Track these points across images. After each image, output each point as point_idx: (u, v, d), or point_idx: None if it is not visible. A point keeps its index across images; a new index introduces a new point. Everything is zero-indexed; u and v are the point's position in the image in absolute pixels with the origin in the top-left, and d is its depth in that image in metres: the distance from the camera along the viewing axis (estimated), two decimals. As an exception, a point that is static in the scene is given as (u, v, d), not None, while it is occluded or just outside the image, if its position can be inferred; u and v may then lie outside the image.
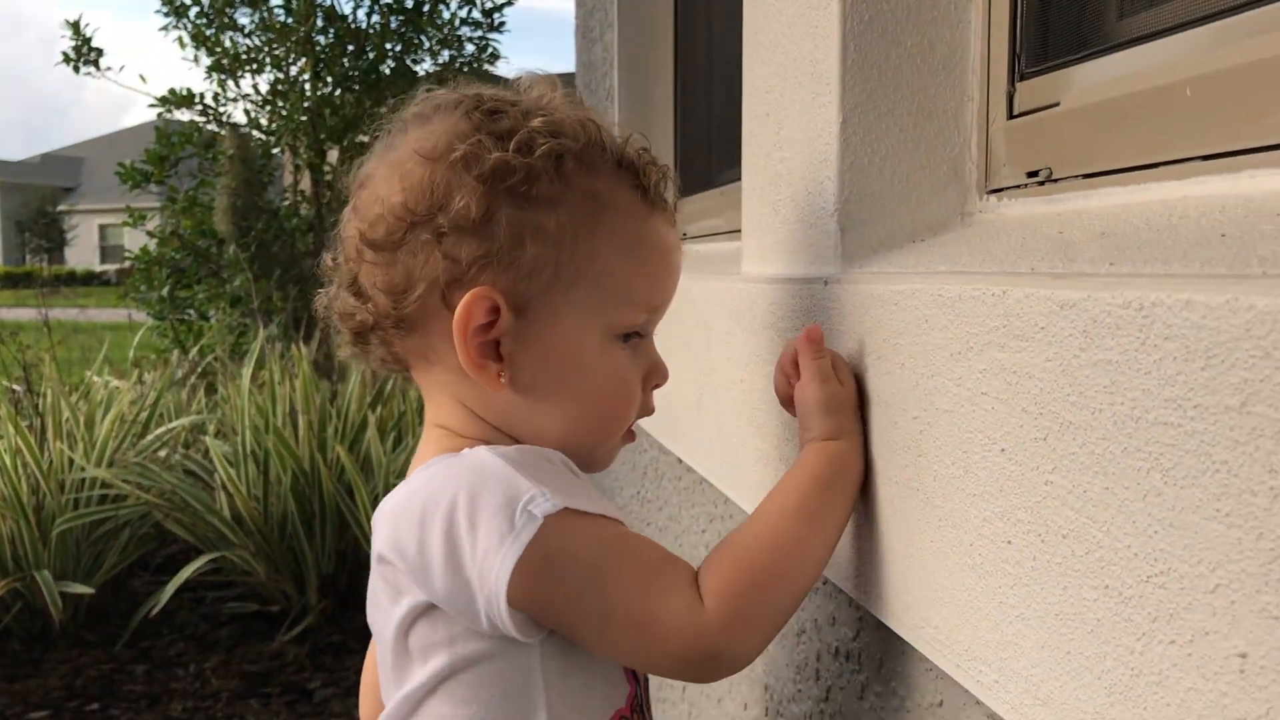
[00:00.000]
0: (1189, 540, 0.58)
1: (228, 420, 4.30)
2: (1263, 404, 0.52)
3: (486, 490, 0.88)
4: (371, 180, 1.01)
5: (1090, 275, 0.70)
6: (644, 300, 1.01)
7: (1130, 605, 0.63)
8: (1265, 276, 0.56)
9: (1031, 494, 0.73)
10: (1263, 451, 0.52)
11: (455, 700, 0.93)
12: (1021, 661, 0.75)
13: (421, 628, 0.94)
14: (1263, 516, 0.52)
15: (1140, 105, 0.84)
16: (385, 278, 0.97)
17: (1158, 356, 0.59)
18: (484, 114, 0.97)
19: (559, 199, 0.95)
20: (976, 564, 0.81)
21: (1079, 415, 0.67)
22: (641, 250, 1.01)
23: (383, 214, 0.96)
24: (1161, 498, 0.60)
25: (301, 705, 3.43)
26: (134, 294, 6.45)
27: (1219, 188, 0.75)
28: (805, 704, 1.27)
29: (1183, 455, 0.58)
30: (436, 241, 0.94)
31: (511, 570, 0.85)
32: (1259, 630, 0.53)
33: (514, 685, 0.93)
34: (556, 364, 0.98)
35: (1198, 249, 0.65)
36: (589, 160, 0.98)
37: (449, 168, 0.94)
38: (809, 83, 1.16)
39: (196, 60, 6.33)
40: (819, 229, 1.14)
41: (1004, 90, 1.04)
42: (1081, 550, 0.68)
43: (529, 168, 0.94)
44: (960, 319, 0.81)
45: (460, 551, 0.88)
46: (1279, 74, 0.70)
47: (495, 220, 0.93)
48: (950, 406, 0.83)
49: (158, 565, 4.36)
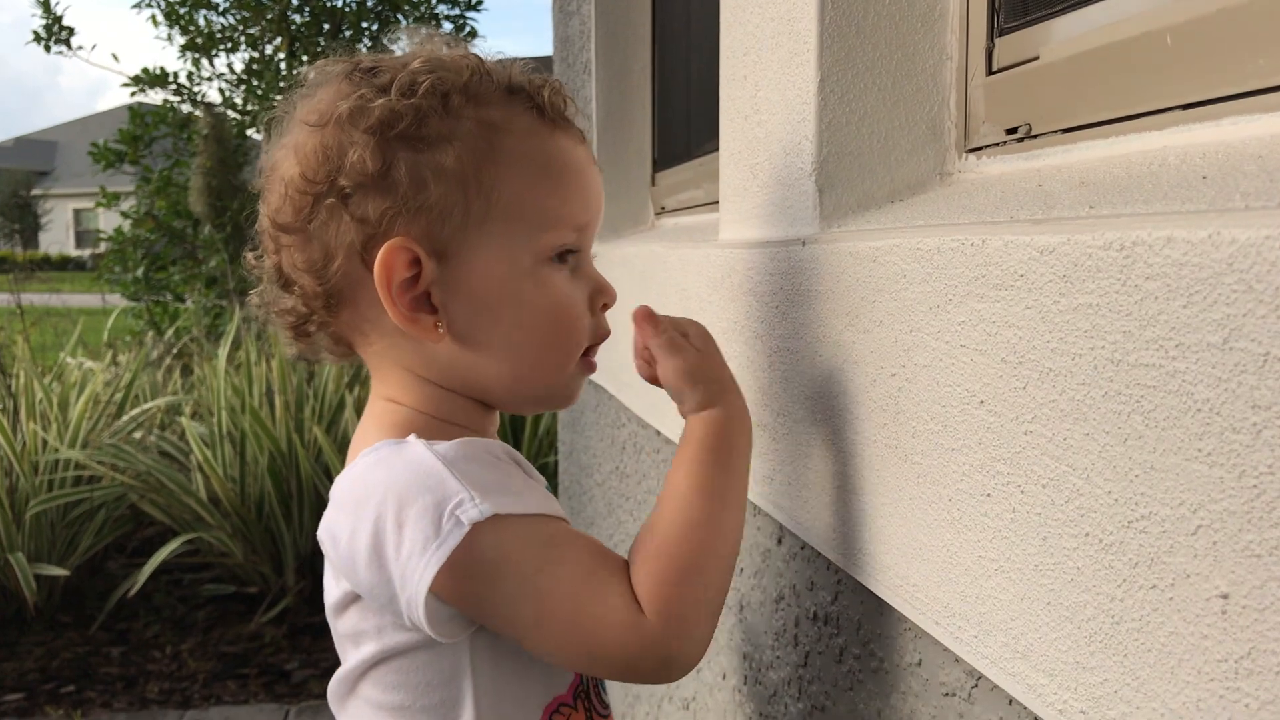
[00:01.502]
0: (1170, 483, 0.57)
1: (203, 401, 4.27)
2: (1245, 339, 0.51)
3: (415, 490, 0.86)
4: (273, 167, 0.99)
5: (1070, 219, 0.69)
6: (564, 218, 0.97)
7: (1111, 552, 0.62)
8: (1248, 209, 0.55)
9: (1011, 445, 0.72)
10: (1245, 387, 0.51)
11: (384, 685, 0.94)
12: (1001, 615, 0.74)
13: (352, 614, 0.94)
14: (1245, 454, 0.51)
15: (1120, 56, 0.83)
16: (304, 257, 0.96)
17: (1139, 297, 0.58)
18: (363, 72, 0.96)
19: (452, 134, 0.93)
20: (955, 519, 0.80)
21: (1059, 362, 0.66)
22: (550, 169, 0.97)
23: (285, 193, 0.95)
24: (1143, 441, 0.59)
25: (279, 686, 3.41)
26: (108, 275, 6.38)
27: (1200, 136, 0.74)
28: (784, 670, 1.26)
29: (1164, 396, 0.57)
30: (343, 205, 0.92)
31: (433, 576, 0.84)
32: (1241, 569, 0.52)
33: (440, 675, 0.93)
34: (491, 302, 0.95)
35: (1179, 190, 0.64)
36: (476, 91, 0.96)
37: (337, 128, 0.93)
38: (786, 42, 1.14)
39: (170, 39, 6.26)
40: (797, 190, 1.13)
41: (983, 46, 1.02)
42: (1061, 499, 0.67)
43: (415, 109, 0.92)
44: (938, 272, 0.80)
45: (385, 550, 0.86)
46: (1259, 18, 0.69)
47: (394, 169, 0.91)
48: (928, 361, 0.82)
49: (134, 547, 4.33)
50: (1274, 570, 0.50)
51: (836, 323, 1.00)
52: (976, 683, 0.82)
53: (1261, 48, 0.69)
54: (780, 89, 1.17)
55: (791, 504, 1.14)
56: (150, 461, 3.83)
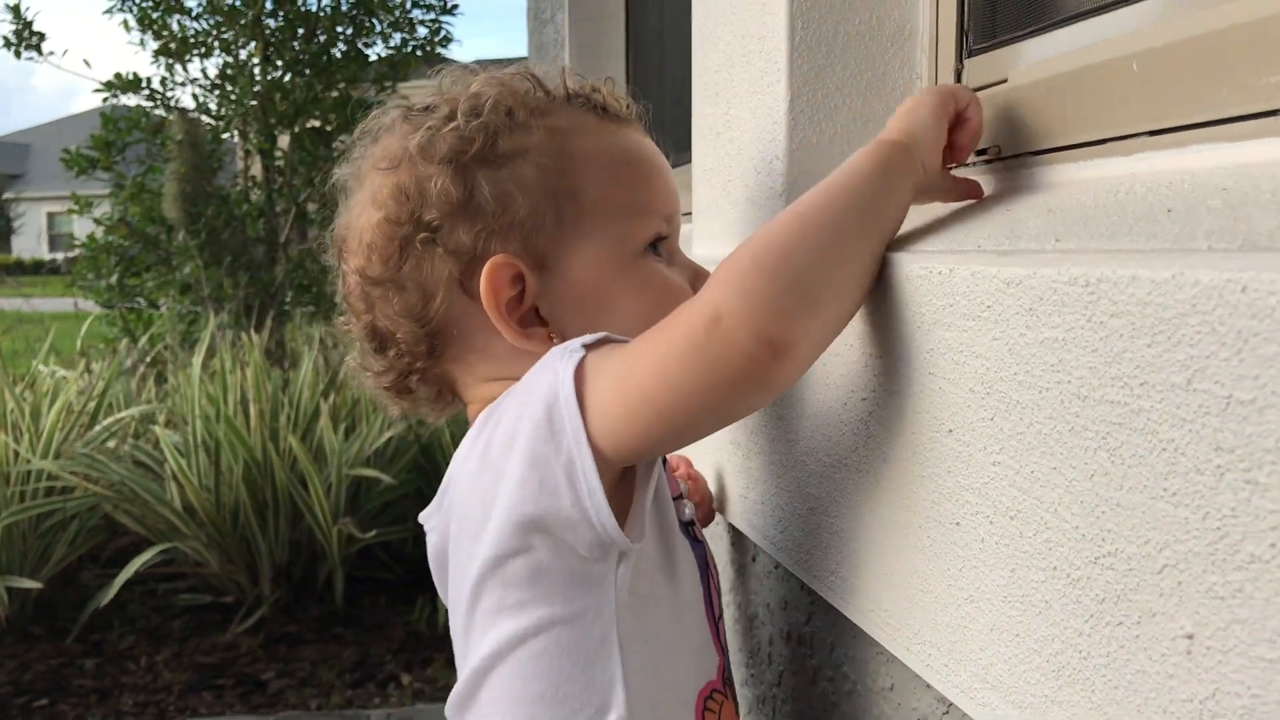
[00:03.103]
0: (1136, 520, 0.57)
1: (178, 410, 4.23)
2: (1209, 380, 0.51)
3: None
4: (348, 228, 0.99)
5: (1036, 252, 0.69)
6: (651, 207, 0.97)
7: (1078, 586, 0.62)
8: (1210, 250, 0.55)
9: (979, 475, 0.72)
10: (1209, 429, 0.51)
11: (524, 674, 0.87)
12: (971, 644, 0.74)
13: (493, 588, 0.87)
14: (1209, 495, 0.52)
15: (1087, 81, 0.83)
16: (401, 304, 0.94)
17: (1104, 334, 0.58)
18: (421, 111, 0.96)
19: (526, 146, 0.93)
20: (926, 546, 0.80)
21: (1026, 395, 0.66)
22: (628, 162, 0.98)
23: (372, 242, 0.94)
24: (1109, 477, 0.59)
25: (256, 696, 3.39)
26: (81, 282, 6.33)
27: (1165, 163, 0.75)
28: (759, 688, 1.26)
29: (1130, 434, 0.57)
30: (433, 240, 0.92)
31: (573, 370, 0.80)
32: (1205, 610, 0.52)
33: (586, 655, 0.86)
34: (598, 302, 0.94)
35: (1143, 224, 0.64)
36: (536, 103, 0.96)
37: (411, 165, 0.93)
38: (758, 61, 1.14)
39: (143, 44, 6.20)
40: (768, 209, 1.13)
41: (952, 67, 1.03)
42: (1029, 531, 0.67)
43: (485, 127, 0.92)
44: (907, 298, 0.80)
45: (525, 399, 0.83)
46: (1223, 48, 0.69)
47: (477, 192, 0.91)
48: (898, 387, 0.82)
49: (108, 558, 4.29)
50: (1237, 613, 0.50)
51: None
52: (948, 710, 0.82)
53: (1224, 78, 0.69)
54: (751, 107, 1.17)
55: (764, 523, 1.14)
56: (124, 471, 3.80)
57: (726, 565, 1.36)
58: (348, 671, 3.47)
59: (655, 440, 0.81)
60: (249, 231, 5.99)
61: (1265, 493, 0.48)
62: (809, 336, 0.77)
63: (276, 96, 6.04)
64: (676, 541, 0.94)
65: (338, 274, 1.02)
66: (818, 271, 0.78)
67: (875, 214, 0.84)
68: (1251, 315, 0.48)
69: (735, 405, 0.81)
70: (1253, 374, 0.48)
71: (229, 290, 5.73)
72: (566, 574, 0.84)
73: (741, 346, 0.74)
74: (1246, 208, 0.58)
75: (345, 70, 6.17)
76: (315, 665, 3.53)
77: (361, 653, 3.60)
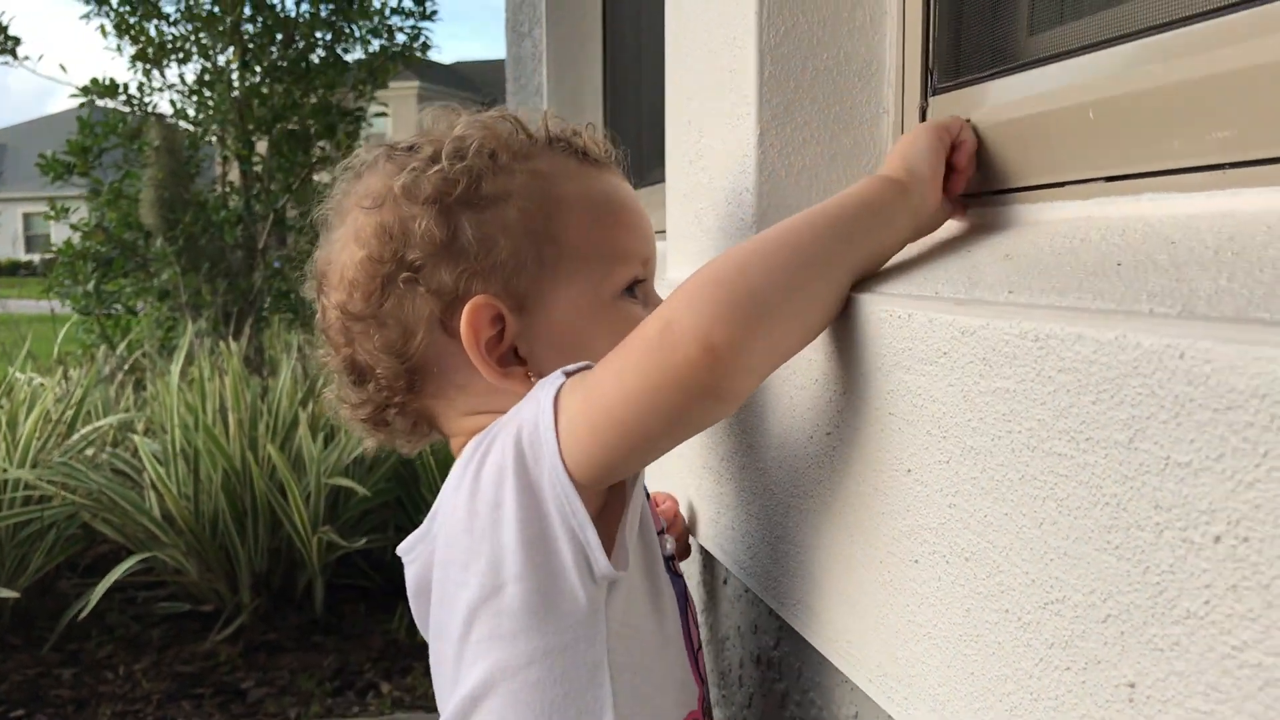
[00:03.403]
0: (1083, 570, 0.59)
1: (156, 418, 4.22)
2: (1149, 440, 0.53)
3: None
4: (329, 263, 1.00)
5: (990, 303, 0.71)
6: (629, 252, 0.99)
7: (1029, 630, 0.64)
8: (1152, 315, 0.57)
9: (937, 515, 0.74)
10: (1149, 488, 0.53)
11: (515, 704, 0.87)
12: (929, 680, 0.76)
13: (485, 619, 0.88)
14: (1149, 551, 0.53)
15: (1046, 125, 0.85)
16: (382, 340, 0.96)
17: (1052, 388, 0.60)
18: (404, 151, 0.98)
19: (509, 190, 0.95)
20: (886, 581, 0.82)
21: (979, 441, 0.68)
22: (608, 207, 1.00)
23: (355, 279, 0.96)
24: (1057, 526, 0.61)
25: (235, 706, 3.39)
26: (58, 288, 6.30)
27: (1120, 209, 0.77)
28: (730, 709, 1.28)
29: (1076, 486, 0.59)
30: (415, 279, 0.93)
31: (553, 397, 0.82)
32: (1145, 661, 0.54)
33: (577, 684, 0.87)
34: (576, 343, 0.96)
35: (1093, 279, 0.66)
36: (519, 146, 0.98)
37: (394, 205, 0.94)
38: (728, 93, 1.16)
39: (120, 49, 6.18)
40: (739, 238, 1.14)
41: (918, 104, 1.05)
42: (983, 573, 0.69)
43: (469, 170, 0.94)
44: (869, 339, 0.82)
45: (513, 430, 0.84)
46: (1174, 102, 0.71)
47: (460, 233, 0.93)
48: (860, 425, 0.84)
49: (86, 566, 4.28)
50: (1175, 665, 0.52)
51: (777, 375, 1.02)
52: (909, 740, 0.84)
53: (1175, 130, 0.71)
54: (723, 138, 1.19)
55: (735, 548, 1.16)
56: (102, 480, 3.79)
57: (698, 587, 1.37)
58: (327, 680, 3.47)
59: (617, 453, 0.82)
60: (227, 238, 5.98)
61: (1199, 552, 0.50)
62: (752, 349, 0.78)
63: (254, 102, 6.03)
64: (661, 575, 0.96)
65: (317, 306, 1.03)
66: (773, 290, 0.79)
67: (851, 246, 0.85)
68: (1188, 381, 0.50)
69: (685, 414, 0.81)
70: (1189, 437, 0.50)
71: (207, 297, 5.72)
72: (558, 604, 0.86)
73: (685, 351, 0.76)
74: (1190, 267, 0.61)
75: (324, 76, 6.17)
76: (294, 674, 3.53)
77: (341, 661, 3.60)
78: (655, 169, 2.10)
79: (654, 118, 2.14)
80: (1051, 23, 0.93)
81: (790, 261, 0.80)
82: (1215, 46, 0.69)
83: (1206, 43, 0.70)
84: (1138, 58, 0.77)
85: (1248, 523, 0.48)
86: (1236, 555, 0.48)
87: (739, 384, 0.80)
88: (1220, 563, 0.49)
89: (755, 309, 0.77)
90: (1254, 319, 0.52)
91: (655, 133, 2.09)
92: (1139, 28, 0.77)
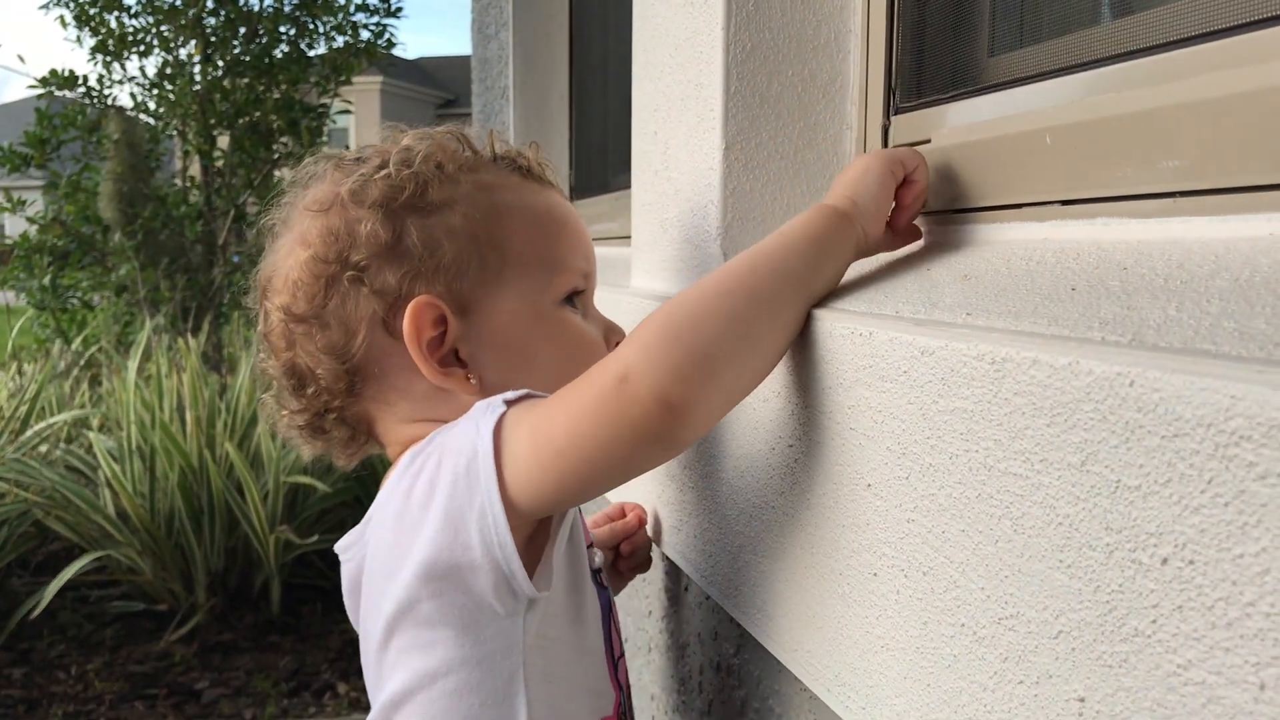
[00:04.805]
0: (1035, 587, 0.61)
1: (112, 414, 4.19)
2: (1100, 464, 0.55)
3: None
4: (274, 270, 1.01)
5: (949, 325, 0.73)
6: (570, 263, 1.02)
7: (984, 644, 0.66)
8: (1104, 343, 0.59)
9: (895, 530, 0.75)
10: (1100, 509, 0.55)
11: (433, 713, 0.90)
12: (886, 691, 0.78)
13: (406, 629, 0.91)
14: (1100, 570, 0.55)
15: (1005, 148, 0.87)
16: (324, 340, 0.97)
17: (1008, 410, 0.62)
18: (353, 161, 1.01)
19: (454, 197, 0.97)
20: (845, 594, 0.83)
21: (938, 459, 0.70)
22: (551, 220, 1.03)
23: (299, 279, 0.97)
24: (1011, 544, 0.63)
25: (189, 707, 3.37)
26: (13, 281, 6.22)
27: (1076, 232, 0.79)
28: (689, 715, 1.29)
29: (1030, 506, 0.61)
30: (359, 280, 0.95)
31: (493, 426, 0.84)
32: (1095, 677, 0.56)
33: (494, 694, 0.90)
34: (518, 349, 0.98)
35: (1049, 303, 0.68)
36: (465, 160, 1.01)
37: (341, 209, 0.96)
38: (694, 106, 1.17)
39: (79, 41, 6.11)
40: (704, 250, 1.16)
41: (880, 123, 1.06)
42: (940, 588, 0.70)
43: (416, 176, 0.96)
44: (830, 355, 0.84)
45: (447, 451, 0.87)
46: (1127, 130, 0.73)
47: (405, 236, 0.95)
48: (821, 439, 0.86)
49: (38, 564, 4.23)
50: (1123, 681, 0.54)
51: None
52: (865, 748, 0.86)
53: (1128, 158, 0.73)
54: (689, 150, 1.20)
55: (696, 556, 1.17)
56: (56, 477, 3.75)
57: (661, 593, 1.39)
58: (284, 681, 3.46)
59: (567, 491, 0.85)
60: (187, 233, 5.93)
61: (1147, 573, 0.52)
62: (708, 400, 0.81)
63: (216, 97, 5.98)
64: (586, 589, 0.98)
65: (260, 314, 1.04)
66: (726, 340, 0.81)
67: (800, 284, 0.88)
68: (1138, 409, 0.52)
69: (638, 459, 0.84)
70: (1138, 462, 0.52)
71: (166, 292, 5.67)
72: (477, 618, 0.88)
73: (643, 405, 0.78)
74: (1140, 295, 0.63)
75: (287, 71, 6.13)
76: (250, 674, 3.51)
77: (298, 661, 3.59)
78: (621, 173, 2.11)
79: (620, 121, 2.15)
80: (1011, 47, 0.95)
81: (742, 311, 0.83)
82: (1168, 79, 0.71)
83: (1160, 75, 0.72)
84: (1094, 86, 0.79)
85: (1193, 546, 0.50)
86: (1183, 577, 0.50)
87: (693, 434, 0.83)
88: (1167, 584, 0.51)
89: (710, 364, 0.80)
90: (1200, 350, 0.54)
91: (621, 136, 2.10)
92: (1096, 57, 0.80)
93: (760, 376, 0.87)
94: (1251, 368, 0.48)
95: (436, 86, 34.02)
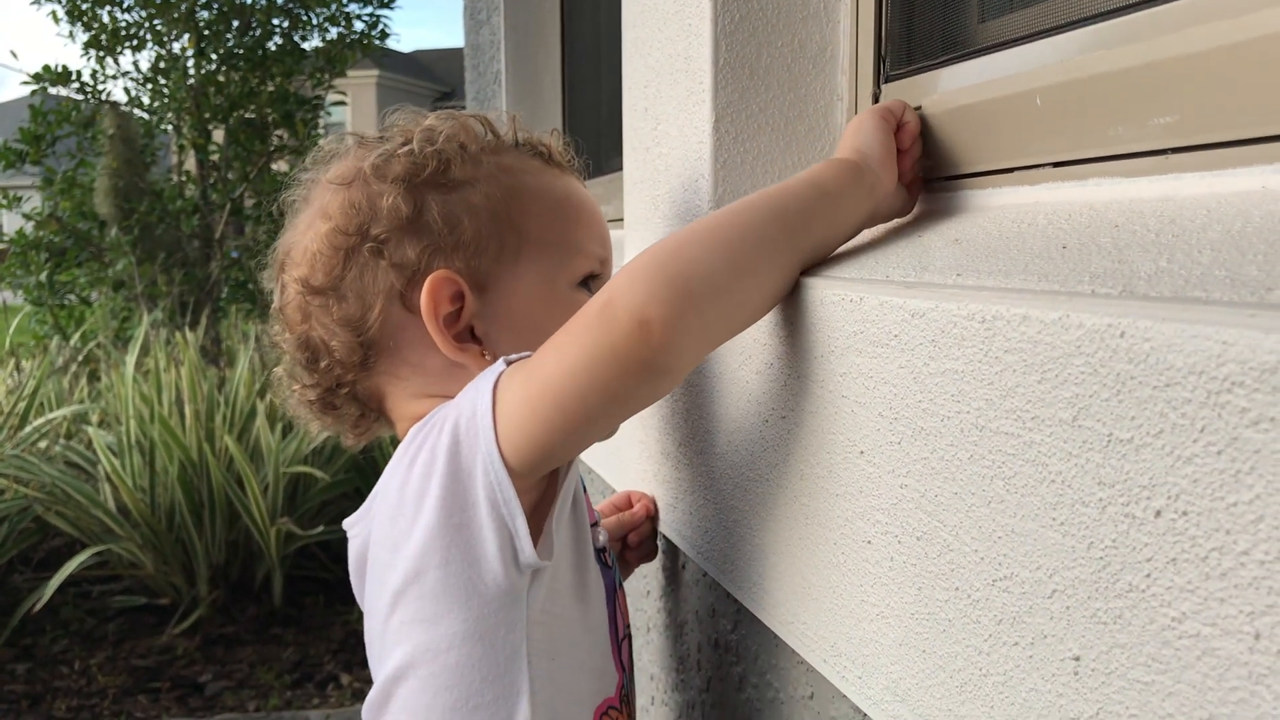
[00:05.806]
0: (1029, 547, 0.60)
1: (111, 409, 4.18)
2: (1092, 419, 0.54)
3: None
4: (293, 244, 1.02)
5: (939, 286, 0.72)
6: (586, 248, 1.02)
7: (979, 607, 0.65)
8: (1094, 295, 0.58)
9: (888, 496, 0.75)
10: (1092, 464, 0.54)
11: (435, 686, 0.89)
12: (882, 659, 0.77)
13: (410, 599, 0.89)
14: (1093, 526, 0.55)
15: (995, 112, 0.86)
16: (340, 313, 0.97)
17: (999, 369, 0.61)
18: (377, 138, 1.01)
19: (476, 176, 0.98)
20: (840, 562, 0.82)
21: (929, 422, 0.69)
22: (570, 203, 1.03)
23: (318, 250, 0.97)
24: (1004, 505, 0.62)
25: (193, 700, 3.37)
26: (10, 278, 6.21)
27: (1067, 194, 0.78)
28: (688, 693, 1.29)
29: (1022, 465, 0.60)
30: (379, 252, 0.95)
31: (492, 384, 0.84)
32: (1090, 634, 0.55)
33: (497, 667, 0.88)
34: (533, 328, 0.96)
35: (1039, 261, 0.67)
36: (487, 142, 1.02)
37: (363, 183, 0.97)
38: (684, 80, 1.16)
39: (72, 36, 6.10)
40: (695, 226, 1.15)
41: (870, 91, 1.05)
42: (934, 552, 0.70)
43: (439, 153, 0.97)
44: (821, 323, 0.83)
45: (452, 417, 0.86)
46: (1117, 89, 0.72)
47: (426, 211, 0.96)
48: (814, 408, 0.85)
49: (40, 560, 4.23)
50: (1118, 637, 0.53)
51: (732, 360, 1.03)
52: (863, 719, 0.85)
53: (1119, 116, 0.72)
54: (679, 125, 1.19)
55: (692, 533, 1.17)
56: (56, 473, 3.74)
57: (658, 571, 1.38)
58: (286, 672, 3.46)
59: (555, 432, 0.82)
60: (184, 227, 5.92)
61: (1140, 526, 0.51)
62: (686, 326, 0.79)
63: (211, 90, 5.97)
64: (590, 566, 0.97)
65: (275, 289, 1.04)
66: (708, 269, 0.80)
67: (796, 226, 0.86)
68: (1129, 360, 0.51)
69: (621, 389, 0.81)
70: (1130, 414, 0.52)
71: (163, 287, 5.66)
72: (481, 591, 0.87)
73: (622, 327, 0.77)
74: (1132, 249, 0.62)
75: (281, 64, 6.11)
76: (253, 666, 3.52)
77: (300, 653, 3.59)
78: (614, 157, 2.10)
79: (613, 105, 2.14)
80: (1001, 10, 0.94)
81: (729, 242, 0.82)
82: (1156, 34, 0.70)
83: (1147, 30, 0.71)
84: (1083, 45, 0.78)
85: (1187, 497, 0.49)
86: (1176, 529, 0.50)
87: (673, 360, 0.80)
88: (1160, 536, 0.50)
89: (688, 287, 0.78)
90: (1191, 298, 0.53)
91: (614, 121, 2.09)
92: (1084, 15, 0.79)
93: (749, 312, 0.86)
94: (1243, 312, 0.47)
95: (433, 79, 33.93)
